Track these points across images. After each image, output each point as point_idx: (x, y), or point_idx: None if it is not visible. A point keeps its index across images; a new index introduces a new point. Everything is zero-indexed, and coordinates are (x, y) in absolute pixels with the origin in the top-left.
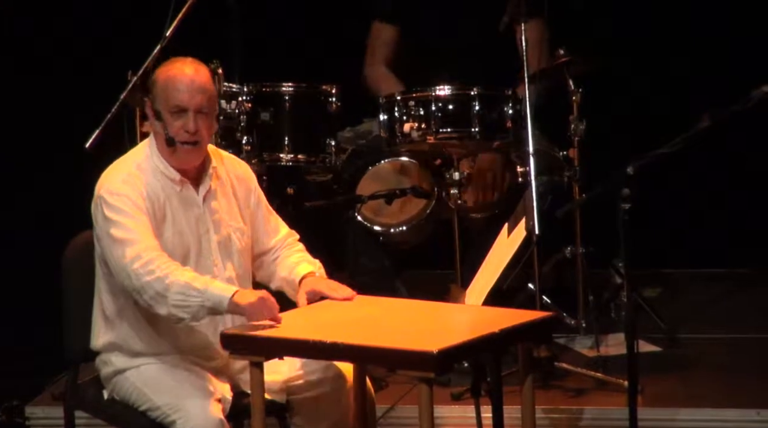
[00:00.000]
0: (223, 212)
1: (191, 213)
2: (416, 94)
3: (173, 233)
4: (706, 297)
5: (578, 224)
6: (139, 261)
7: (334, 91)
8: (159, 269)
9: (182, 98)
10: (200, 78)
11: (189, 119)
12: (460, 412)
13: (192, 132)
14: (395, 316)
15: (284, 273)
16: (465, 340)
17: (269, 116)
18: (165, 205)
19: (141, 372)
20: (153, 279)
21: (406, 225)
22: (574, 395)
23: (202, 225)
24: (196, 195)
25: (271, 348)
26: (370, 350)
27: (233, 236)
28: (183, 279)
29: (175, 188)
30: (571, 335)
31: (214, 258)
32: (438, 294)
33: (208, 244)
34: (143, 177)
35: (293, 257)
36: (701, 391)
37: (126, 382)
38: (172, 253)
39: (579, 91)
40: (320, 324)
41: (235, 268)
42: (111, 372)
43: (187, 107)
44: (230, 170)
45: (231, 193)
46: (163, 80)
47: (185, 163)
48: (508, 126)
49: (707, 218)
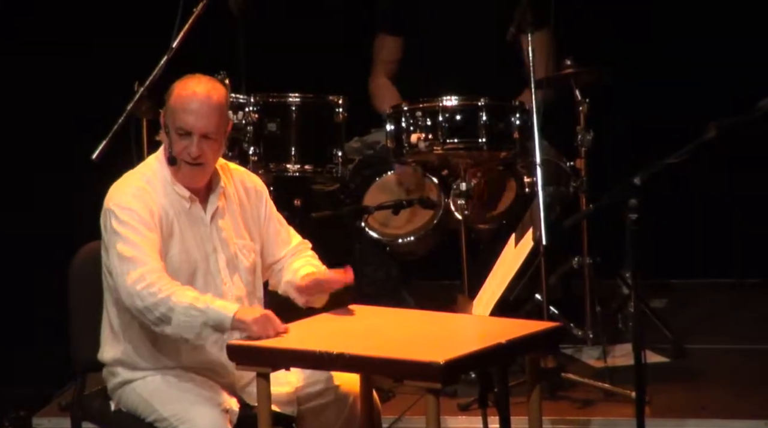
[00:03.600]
0: (229, 231)
1: (198, 231)
2: (423, 105)
3: (180, 250)
4: (714, 308)
5: (585, 234)
6: (142, 283)
7: (340, 102)
8: (161, 291)
9: (188, 121)
10: (211, 102)
11: (193, 143)
12: (467, 423)
13: (194, 157)
14: (402, 326)
15: (288, 277)
16: (472, 351)
17: (276, 127)
18: (173, 221)
19: (147, 384)
20: (156, 301)
21: (413, 236)
22: (582, 406)
23: (209, 244)
24: (204, 214)
25: (278, 359)
26: (377, 360)
27: (240, 254)
28: (185, 300)
29: (185, 205)
30: (578, 345)
31: (222, 277)
32: (445, 305)
33: (216, 263)
34: (153, 192)
35: (298, 262)
36: (708, 402)
37: (132, 393)
38: (179, 269)
39: (586, 101)
40: (326, 335)
41: (244, 285)
42: (117, 383)
43: (192, 131)
44: (239, 185)
45: (238, 210)
46: (175, 98)
47: (188, 182)
48: (515, 136)
49: (714, 228)
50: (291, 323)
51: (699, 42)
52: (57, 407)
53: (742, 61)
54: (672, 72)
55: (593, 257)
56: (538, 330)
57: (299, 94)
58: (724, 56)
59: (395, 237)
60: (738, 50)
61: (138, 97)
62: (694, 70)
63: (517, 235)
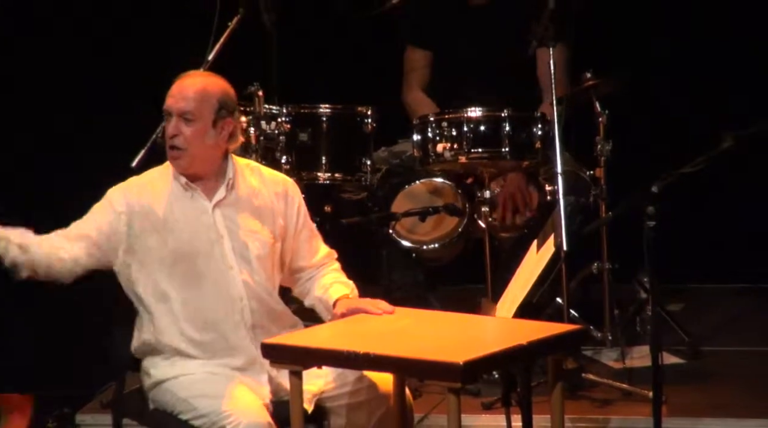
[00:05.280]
0: (240, 220)
1: (201, 219)
2: (449, 116)
3: (178, 236)
4: (729, 311)
5: (604, 240)
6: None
7: (369, 113)
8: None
9: (168, 103)
10: (192, 86)
11: (171, 123)
12: (490, 421)
13: (169, 136)
14: (427, 328)
15: (318, 293)
16: (493, 351)
17: (307, 137)
18: (171, 210)
19: (181, 383)
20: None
21: (439, 242)
22: (601, 405)
23: (214, 231)
24: (208, 203)
25: (309, 358)
26: (401, 360)
27: (250, 243)
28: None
29: (186, 194)
30: (597, 347)
31: (229, 262)
32: (469, 308)
33: (221, 249)
34: (157, 184)
35: (327, 278)
36: (723, 402)
37: (167, 393)
38: (175, 252)
39: (605, 112)
40: (355, 336)
41: (252, 273)
42: (151, 383)
43: (171, 111)
44: (269, 186)
45: (264, 205)
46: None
47: (175, 168)
48: (537, 147)
49: (730, 234)
50: (322, 324)
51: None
52: (98, 405)
53: (757, 73)
54: (689, 84)
55: (612, 262)
56: (559, 332)
57: (329, 106)
58: (738, 67)
59: (421, 243)
60: (753, 61)
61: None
62: (709, 82)
63: (539, 241)
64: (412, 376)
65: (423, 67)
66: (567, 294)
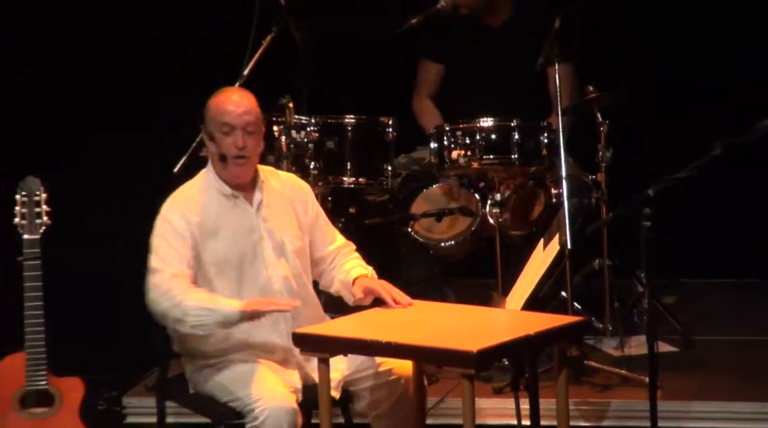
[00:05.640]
0: (275, 220)
1: (245, 223)
2: (463, 126)
3: (226, 244)
4: (718, 304)
5: (605, 239)
6: (157, 290)
7: (390, 123)
8: (175, 296)
9: (231, 118)
10: (246, 101)
11: (238, 136)
12: (501, 404)
13: (240, 148)
14: (443, 319)
15: (341, 277)
16: (503, 341)
17: (334, 144)
18: (217, 220)
19: (220, 369)
20: (170, 306)
21: (454, 240)
22: (602, 389)
23: (256, 233)
24: (250, 207)
25: (336, 346)
26: (420, 348)
27: (286, 240)
28: (195, 303)
29: (229, 202)
30: (598, 337)
31: (268, 261)
32: (482, 301)
33: (262, 249)
34: (200, 197)
35: (348, 264)
36: (714, 386)
37: (207, 378)
38: (228, 259)
39: (606, 122)
40: (378, 326)
41: (290, 267)
42: (192, 369)
43: (235, 125)
44: (287, 186)
45: (288, 203)
46: (214, 105)
47: (236, 177)
48: (544, 154)
49: (719, 232)
50: (347, 315)
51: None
52: (143, 388)
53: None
54: (683, 95)
55: (612, 259)
56: (564, 323)
57: (354, 116)
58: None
59: (438, 241)
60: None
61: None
62: (703, 94)
63: (545, 240)
64: (429, 363)
65: (434, 79)
66: (571, 288)
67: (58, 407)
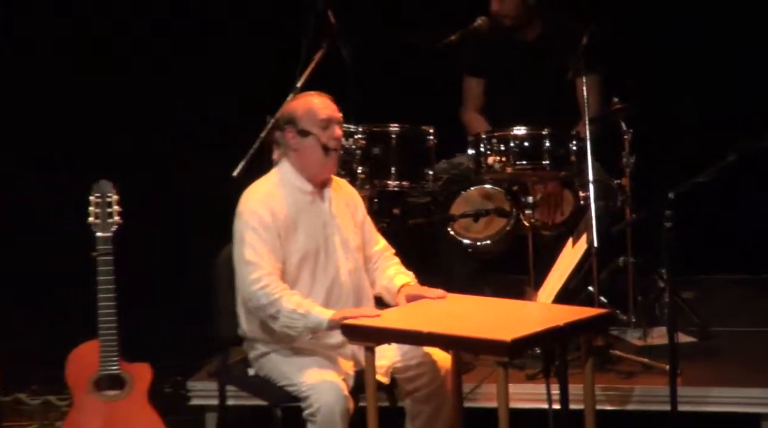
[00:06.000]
0: (341, 217)
1: (319, 219)
2: (498, 134)
3: (305, 237)
4: (734, 298)
5: (629, 238)
6: (258, 284)
7: (431, 131)
8: (273, 294)
9: (328, 112)
10: (331, 101)
11: (335, 128)
12: (533, 390)
13: (339, 138)
14: (480, 311)
15: (384, 282)
16: (535, 331)
17: (379, 151)
18: (297, 215)
19: (281, 355)
20: (268, 302)
21: (490, 239)
22: (626, 376)
23: (329, 228)
24: (323, 204)
25: (381, 336)
26: (457, 338)
27: (349, 236)
28: (290, 305)
29: (307, 199)
30: (623, 328)
31: (339, 254)
32: (515, 295)
33: (333, 244)
34: (280, 192)
35: (391, 270)
36: (729, 373)
37: (269, 363)
38: (305, 252)
39: (630, 131)
40: (420, 317)
41: (354, 262)
42: (257, 354)
43: (333, 119)
44: (344, 188)
45: (345, 203)
46: (305, 105)
47: (329, 170)
48: (573, 160)
49: (735, 233)
50: (391, 308)
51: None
52: (206, 374)
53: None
54: (701, 106)
55: (635, 257)
56: (591, 315)
57: (398, 125)
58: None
59: (475, 240)
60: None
61: (269, 127)
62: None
63: (573, 239)
64: (467, 352)
65: (478, 92)
66: (597, 283)
67: (129, 390)
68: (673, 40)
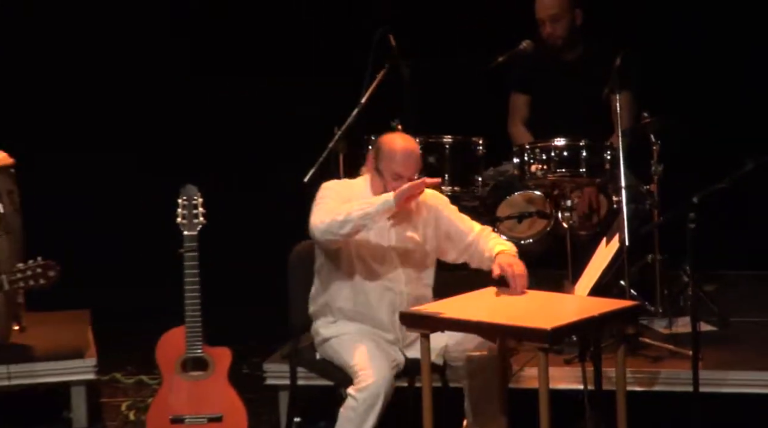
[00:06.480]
0: (401, 230)
1: (377, 228)
2: (540, 144)
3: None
4: (751, 291)
5: (657, 238)
6: (319, 217)
7: (480, 142)
8: (334, 210)
9: (401, 170)
10: (414, 153)
11: (404, 182)
12: (570, 373)
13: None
14: (523, 302)
15: (486, 255)
16: (572, 320)
17: (434, 159)
18: None
19: (340, 341)
20: (333, 217)
21: (533, 239)
22: (653, 361)
23: (386, 240)
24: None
25: (435, 324)
26: (503, 326)
27: (408, 247)
28: (355, 206)
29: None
30: (651, 318)
31: (394, 261)
32: (555, 288)
33: (390, 251)
34: (359, 188)
35: (491, 242)
36: (746, 358)
37: (330, 348)
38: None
39: (658, 142)
40: (471, 307)
41: (411, 269)
42: (320, 340)
43: (404, 175)
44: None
45: (414, 217)
46: (388, 150)
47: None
48: (607, 168)
49: (752, 231)
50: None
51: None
52: (279, 356)
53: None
54: (723, 119)
55: (662, 254)
56: (622, 306)
57: (451, 136)
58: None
59: (519, 239)
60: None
61: (337, 138)
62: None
63: (607, 238)
64: (511, 338)
65: (523, 107)
66: (628, 278)
67: (211, 371)
68: (700, 61)
